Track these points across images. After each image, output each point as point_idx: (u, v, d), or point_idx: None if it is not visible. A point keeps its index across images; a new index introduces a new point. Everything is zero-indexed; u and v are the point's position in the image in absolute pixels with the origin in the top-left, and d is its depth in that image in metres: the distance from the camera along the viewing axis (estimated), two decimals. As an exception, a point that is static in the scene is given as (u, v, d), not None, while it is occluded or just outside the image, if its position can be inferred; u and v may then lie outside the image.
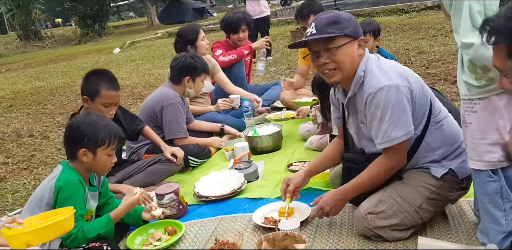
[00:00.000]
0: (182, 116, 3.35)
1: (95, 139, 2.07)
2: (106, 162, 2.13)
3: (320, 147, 3.23)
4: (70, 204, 2.01)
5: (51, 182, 2.08)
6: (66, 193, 2.03)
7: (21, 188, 3.47)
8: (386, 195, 1.96)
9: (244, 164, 2.95)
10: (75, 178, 2.07)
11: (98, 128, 2.09)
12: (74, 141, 2.09)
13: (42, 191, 2.10)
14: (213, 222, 2.42)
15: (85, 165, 2.12)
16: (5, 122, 5.95)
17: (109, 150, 2.11)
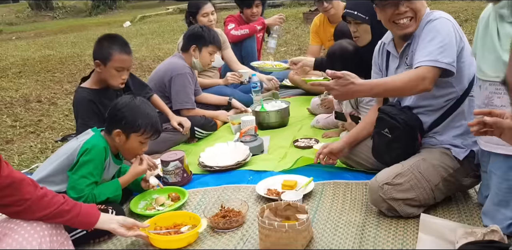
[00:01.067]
0: (190, 87, 3.35)
1: (132, 123, 2.13)
2: (136, 148, 2.20)
3: (326, 126, 3.23)
4: (89, 168, 2.06)
5: (79, 143, 2.12)
6: (89, 157, 2.07)
7: (28, 151, 3.51)
8: (405, 169, 1.96)
9: (250, 137, 2.96)
10: (102, 145, 2.12)
11: (138, 114, 2.15)
12: (113, 119, 2.16)
13: (66, 150, 2.14)
14: (216, 191, 2.44)
15: (115, 144, 2.18)
16: (14, 87, 5.97)
17: (143, 138, 2.17)
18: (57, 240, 1.77)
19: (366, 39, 2.56)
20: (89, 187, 2.08)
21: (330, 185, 2.36)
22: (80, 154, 2.08)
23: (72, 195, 2.06)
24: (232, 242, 1.94)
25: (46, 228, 1.72)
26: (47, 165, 2.18)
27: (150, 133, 2.18)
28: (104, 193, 2.13)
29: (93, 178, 2.09)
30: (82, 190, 2.06)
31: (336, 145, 2.40)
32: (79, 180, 2.06)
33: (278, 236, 1.76)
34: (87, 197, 2.07)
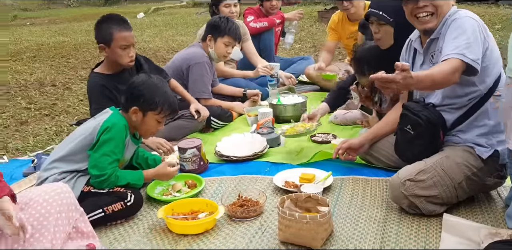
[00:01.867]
0: (208, 76, 3.33)
1: (150, 101, 2.12)
2: (152, 126, 2.19)
3: (344, 122, 3.20)
4: (110, 146, 2.05)
5: (98, 122, 2.10)
6: (110, 135, 2.06)
7: (42, 132, 3.50)
8: (428, 166, 1.94)
9: (267, 129, 2.94)
10: (122, 122, 2.11)
11: (156, 92, 2.14)
12: (130, 97, 2.14)
13: (85, 130, 2.12)
14: (233, 181, 2.42)
15: (132, 122, 2.16)
16: (29, 71, 5.98)
17: (159, 117, 2.16)
18: (73, 216, 1.77)
19: (387, 42, 2.48)
20: (112, 165, 2.07)
21: (349, 180, 2.34)
22: (101, 132, 2.06)
23: (94, 172, 2.05)
24: (250, 231, 1.92)
25: (62, 204, 1.72)
26: (65, 144, 2.16)
27: (167, 111, 2.17)
28: (126, 178, 2.12)
29: (115, 156, 2.08)
30: (105, 168, 2.05)
31: (356, 141, 2.38)
32: (101, 158, 2.05)
33: (299, 227, 1.74)
34: (110, 176, 2.06)
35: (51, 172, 2.11)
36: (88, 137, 2.09)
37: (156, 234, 1.95)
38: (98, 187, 2.08)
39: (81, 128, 2.18)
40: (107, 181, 2.06)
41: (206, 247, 1.82)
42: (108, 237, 1.95)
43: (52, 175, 2.10)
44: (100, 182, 2.06)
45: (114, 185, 2.08)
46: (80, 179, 2.11)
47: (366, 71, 2.52)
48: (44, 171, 2.14)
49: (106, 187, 2.08)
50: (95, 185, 2.08)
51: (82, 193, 2.06)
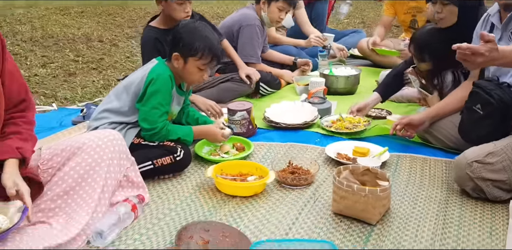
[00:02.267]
0: (258, 40, 3.21)
1: (189, 46, 2.00)
2: (195, 74, 2.07)
3: (399, 99, 3.05)
4: (157, 98, 1.99)
5: (144, 72, 2.05)
6: (156, 87, 2.00)
7: (90, 85, 3.49)
8: (498, 149, 1.80)
9: (318, 99, 2.82)
10: (166, 73, 2.03)
11: (196, 36, 2.02)
12: (172, 42, 2.05)
13: (133, 80, 2.07)
14: (282, 147, 2.34)
15: (176, 70, 2.08)
16: (76, 25, 5.99)
17: (200, 63, 2.04)
18: (124, 164, 1.74)
19: (450, 21, 2.37)
20: (162, 118, 2.02)
21: (406, 158, 2.22)
22: (146, 84, 2.00)
23: (145, 126, 2.01)
24: (301, 199, 1.85)
25: (114, 151, 1.69)
26: (113, 95, 2.11)
27: (209, 57, 2.01)
28: (177, 132, 2.07)
29: (163, 108, 2.02)
30: (155, 121, 2.00)
31: (417, 117, 2.25)
32: (150, 111, 2.00)
33: (355, 200, 1.65)
34: (161, 129, 2.01)
35: (101, 122, 2.08)
36: (135, 88, 2.04)
37: (204, 193, 1.91)
38: (149, 140, 2.04)
39: (128, 79, 2.11)
40: (158, 134, 2.01)
41: (255, 210, 1.77)
42: (156, 190, 1.92)
43: (102, 124, 2.07)
44: (151, 135, 2.02)
45: (165, 138, 2.03)
46: (130, 130, 2.08)
47: (427, 56, 2.40)
48: (94, 120, 2.11)
49: (157, 140, 2.04)
50: (146, 138, 2.04)
51: (132, 145, 2.02)
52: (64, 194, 1.60)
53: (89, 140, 1.68)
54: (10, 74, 1.54)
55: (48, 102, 3.06)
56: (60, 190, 1.61)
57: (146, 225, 1.67)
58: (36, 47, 4.70)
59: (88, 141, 1.68)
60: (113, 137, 1.74)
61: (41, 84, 3.49)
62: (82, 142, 1.67)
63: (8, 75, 1.54)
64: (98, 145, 1.68)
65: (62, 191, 1.61)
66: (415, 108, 2.90)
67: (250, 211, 1.77)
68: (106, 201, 1.65)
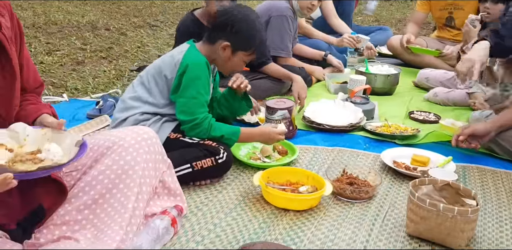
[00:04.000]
0: (288, 32, 2.92)
1: (247, 41, 1.77)
2: (239, 66, 1.86)
3: (444, 102, 2.78)
4: (195, 87, 1.71)
5: (175, 57, 1.76)
6: (195, 73, 1.71)
7: (102, 75, 3.19)
8: None
9: (361, 99, 2.55)
10: (203, 60, 1.75)
11: (255, 31, 1.78)
12: (224, 29, 1.75)
13: (162, 67, 1.78)
14: (329, 153, 2.07)
15: (215, 56, 1.80)
16: (80, 13, 5.65)
17: (248, 57, 1.82)
18: (160, 168, 1.46)
19: None
20: (202, 109, 1.73)
21: (473, 169, 1.96)
22: (181, 72, 1.72)
23: (183, 118, 1.73)
24: (367, 217, 1.57)
25: (149, 152, 1.41)
26: (141, 84, 1.82)
27: (258, 53, 1.86)
28: (221, 128, 1.77)
29: (202, 97, 1.74)
30: (194, 112, 1.72)
31: (481, 127, 1.97)
32: (188, 102, 1.72)
33: (440, 222, 1.38)
34: (203, 121, 1.72)
35: (130, 112, 1.78)
36: (166, 76, 1.75)
37: (250, 204, 1.62)
38: (190, 134, 1.75)
39: (155, 66, 1.82)
40: (200, 126, 1.72)
41: (314, 229, 1.49)
42: (194, 199, 1.64)
43: (132, 115, 1.78)
44: (192, 126, 1.72)
45: (207, 132, 1.74)
46: (166, 124, 1.79)
47: None
48: (121, 111, 1.82)
49: (199, 134, 1.74)
50: (187, 131, 1.75)
51: (168, 140, 1.74)
52: (92, 203, 1.31)
53: (120, 139, 1.39)
54: (26, 59, 1.38)
55: (57, 92, 2.75)
56: (87, 198, 1.32)
57: (189, 244, 1.38)
58: (39, 34, 4.37)
59: (118, 140, 1.39)
60: (148, 135, 1.45)
61: (48, 72, 3.18)
62: (112, 141, 1.39)
63: (25, 60, 1.37)
64: (131, 144, 1.39)
65: (90, 199, 1.32)
66: (464, 112, 2.64)
67: (309, 229, 1.49)
68: (141, 212, 1.37)
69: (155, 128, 1.74)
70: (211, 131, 1.74)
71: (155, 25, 5.23)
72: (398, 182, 1.83)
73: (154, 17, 5.79)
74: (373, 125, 2.35)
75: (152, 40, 4.39)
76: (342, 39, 3.42)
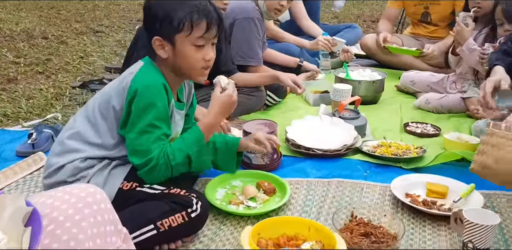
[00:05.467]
0: (257, 37, 2.51)
1: (169, 20, 1.30)
2: (193, 56, 1.35)
3: (439, 109, 2.47)
4: (147, 117, 1.28)
5: (124, 80, 1.32)
6: (146, 100, 1.29)
7: (37, 94, 2.65)
8: None
9: (350, 112, 2.19)
10: (159, 81, 1.32)
11: (171, 5, 1.31)
12: (147, 27, 1.36)
13: (109, 93, 1.35)
14: (326, 186, 1.68)
15: (168, 66, 1.37)
16: (14, 20, 5.02)
17: (195, 37, 1.33)
18: (113, 243, 1.03)
19: None
20: (157, 144, 1.31)
21: (500, 197, 1.63)
22: (129, 98, 1.29)
23: (136, 161, 1.31)
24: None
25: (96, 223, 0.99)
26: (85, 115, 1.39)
27: (202, 24, 1.32)
28: (181, 148, 1.34)
29: (158, 130, 1.32)
30: (148, 151, 1.30)
31: None
32: (139, 138, 1.30)
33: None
34: (158, 159, 1.30)
35: (70, 157, 1.35)
36: (115, 105, 1.33)
37: (241, 277, 1.21)
38: (150, 180, 1.34)
39: (102, 93, 1.39)
40: (157, 168, 1.31)
41: None
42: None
43: (71, 161, 1.34)
44: (150, 170, 1.31)
45: (168, 168, 1.32)
46: (115, 171, 1.36)
47: None
48: (57, 155, 1.37)
49: (161, 178, 1.34)
50: (145, 177, 1.33)
51: (121, 192, 1.32)
52: None
53: (53, 207, 0.96)
54: None
55: (-22, 121, 2.23)
56: None
57: None
58: (-39, 46, 3.76)
59: (50, 210, 0.96)
60: (92, 199, 1.02)
61: (-32, 95, 2.63)
62: (42, 213, 0.95)
63: None
64: (69, 216, 0.96)
65: None
66: (462, 121, 2.34)
67: None
68: None
69: (101, 178, 1.30)
70: (171, 162, 1.32)
71: (99, 31, 4.70)
72: (419, 222, 1.48)
73: (98, 21, 5.25)
74: (370, 145, 1.99)
75: (96, 49, 3.87)
76: (317, 42, 3.06)
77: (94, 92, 2.71)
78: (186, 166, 1.36)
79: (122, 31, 4.75)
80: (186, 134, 1.41)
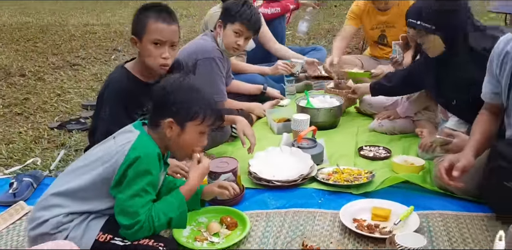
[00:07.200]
0: (219, 74, 2.69)
1: (188, 109, 1.54)
2: (194, 141, 1.60)
3: (391, 131, 2.69)
4: (142, 183, 1.47)
5: (120, 148, 1.49)
6: (145, 167, 1.47)
7: (17, 138, 2.81)
8: None
9: (308, 142, 2.39)
10: (155, 150, 1.51)
11: (193, 96, 1.56)
12: (161, 107, 1.56)
13: (102, 156, 1.52)
14: (283, 217, 1.86)
15: (165, 140, 1.57)
16: (-10, 56, 5.16)
17: (203, 127, 1.57)
18: None
19: (438, 50, 2.13)
20: (145, 208, 1.49)
21: (435, 217, 1.83)
22: (127, 164, 1.46)
23: (124, 221, 1.47)
24: None
25: None
26: (72, 174, 1.57)
27: (212, 118, 1.59)
28: (165, 212, 1.52)
29: (149, 196, 1.50)
30: (136, 213, 1.47)
31: (468, 157, 1.72)
32: (131, 200, 1.47)
33: None
34: (144, 222, 1.48)
35: (54, 212, 1.51)
36: (107, 168, 1.49)
37: None
38: (132, 239, 1.49)
39: (95, 153, 1.56)
40: (143, 229, 1.48)
41: None
42: None
43: (54, 216, 1.51)
44: (134, 233, 1.47)
45: (152, 231, 1.50)
46: (92, 223, 1.53)
47: None
48: (41, 209, 1.54)
49: (142, 236, 1.50)
50: (129, 237, 1.49)
51: (97, 244, 1.49)
52: None
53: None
54: None
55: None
56: None
57: None
58: None
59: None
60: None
61: None
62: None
63: None
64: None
65: None
66: (413, 141, 2.54)
67: None
68: None
69: (80, 231, 1.48)
70: (155, 224, 1.49)
71: (76, 64, 4.87)
72: (363, 246, 1.67)
73: (75, 53, 5.41)
74: (325, 173, 2.19)
75: (73, 84, 4.03)
76: (276, 67, 3.28)
77: (71, 132, 2.87)
78: (167, 226, 1.54)
79: (98, 63, 4.90)
80: (169, 197, 1.59)
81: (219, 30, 2.69)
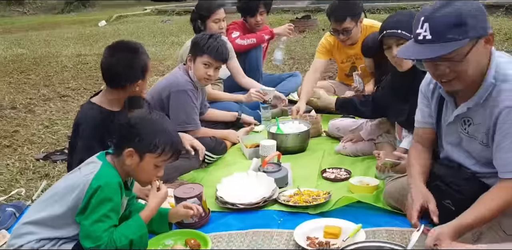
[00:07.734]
0: (192, 105, 2.87)
1: (148, 141, 1.72)
2: (150, 172, 1.79)
3: (354, 153, 2.87)
4: (103, 210, 1.65)
5: (85, 178, 1.68)
6: (106, 195, 1.66)
7: (4, 170, 2.99)
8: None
9: (273, 166, 2.57)
10: (116, 180, 1.70)
11: (155, 130, 1.74)
12: (125, 137, 1.75)
13: (69, 187, 1.70)
14: (244, 237, 2.03)
15: (125, 168, 1.76)
16: (-17, 89, 5.37)
17: (159, 160, 1.76)
18: None
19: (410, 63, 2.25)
20: (107, 232, 1.67)
21: (382, 233, 2.00)
22: (90, 193, 1.65)
23: (88, 244, 1.64)
24: None
25: None
26: (43, 204, 1.75)
27: (169, 153, 1.77)
28: (126, 234, 1.70)
29: (110, 221, 1.68)
30: (99, 237, 1.64)
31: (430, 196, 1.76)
32: (93, 226, 1.65)
33: None
34: (106, 245, 1.65)
35: (26, 239, 1.69)
36: (74, 198, 1.67)
37: None
38: None
39: (63, 184, 1.76)
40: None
41: None
42: None
43: (27, 242, 1.69)
44: None
45: None
46: (64, 246, 1.71)
47: None
48: (17, 237, 1.72)
49: None
50: None
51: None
52: None
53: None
54: None
55: None
56: None
57: None
58: None
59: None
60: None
61: None
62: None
63: None
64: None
65: None
66: (372, 163, 2.71)
67: None
68: None
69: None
70: (117, 244, 1.66)
71: (65, 95, 5.06)
72: (313, 262, 1.83)
73: (66, 84, 5.61)
74: (286, 195, 2.36)
75: (61, 116, 4.22)
76: (250, 95, 3.47)
77: (56, 163, 3.05)
78: (129, 247, 1.71)
79: (87, 93, 5.09)
80: (130, 221, 1.78)
81: (190, 64, 2.90)
